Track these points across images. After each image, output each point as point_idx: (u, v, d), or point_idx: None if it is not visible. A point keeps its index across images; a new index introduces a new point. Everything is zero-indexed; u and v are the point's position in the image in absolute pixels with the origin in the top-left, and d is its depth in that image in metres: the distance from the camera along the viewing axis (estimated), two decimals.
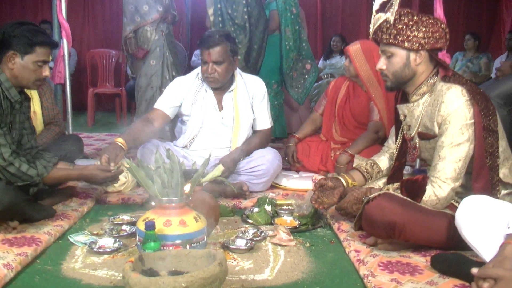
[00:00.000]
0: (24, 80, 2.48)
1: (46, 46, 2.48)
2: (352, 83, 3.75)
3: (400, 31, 2.25)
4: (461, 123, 2.20)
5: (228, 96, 3.31)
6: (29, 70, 2.45)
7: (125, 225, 2.56)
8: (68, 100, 4.14)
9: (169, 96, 3.32)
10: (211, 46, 3.12)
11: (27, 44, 2.42)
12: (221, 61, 3.15)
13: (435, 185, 2.23)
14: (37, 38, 2.44)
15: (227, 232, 2.56)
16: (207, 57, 3.14)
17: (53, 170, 2.53)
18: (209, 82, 3.24)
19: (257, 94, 3.38)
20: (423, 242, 2.23)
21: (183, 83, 3.35)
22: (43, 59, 2.47)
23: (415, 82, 2.36)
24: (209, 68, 3.15)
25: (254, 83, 3.40)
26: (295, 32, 4.93)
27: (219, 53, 3.13)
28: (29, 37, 2.42)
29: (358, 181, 2.69)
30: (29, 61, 2.44)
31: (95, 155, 4.40)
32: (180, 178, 2.04)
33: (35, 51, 2.44)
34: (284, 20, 4.90)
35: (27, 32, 2.43)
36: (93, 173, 2.61)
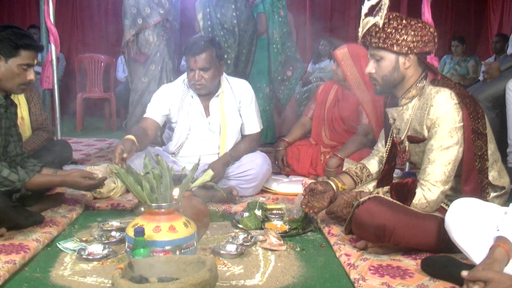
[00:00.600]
0: (9, 83, 2.44)
1: (31, 49, 2.45)
2: (340, 87, 3.76)
3: (389, 35, 2.26)
4: (450, 126, 2.21)
5: (214, 101, 3.30)
6: (13, 74, 2.42)
7: (115, 231, 2.54)
8: (57, 106, 4.11)
9: (157, 104, 3.30)
10: (197, 53, 3.10)
11: (11, 47, 2.39)
12: (208, 68, 3.13)
13: (424, 188, 2.24)
14: (21, 41, 2.41)
15: (217, 237, 2.55)
16: (194, 64, 3.12)
17: (35, 176, 2.49)
18: (196, 89, 3.22)
19: (244, 98, 3.36)
20: (413, 245, 2.24)
21: (169, 90, 3.33)
22: (27, 63, 2.44)
23: (404, 86, 2.37)
24: (196, 75, 3.13)
25: (241, 87, 3.38)
26: (283, 35, 4.91)
27: (205, 59, 3.11)
28: (13, 40, 2.39)
29: (348, 184, 2.69)
30: (13, 65, 2.41)
31: (84, 161, 4.39)
32: (169, 183, 2.03)
33: (20, 54, 2.41)
34: (272, 22, 4.87)
35: (12, 35, 2.40)
36: (76, 180, 2.59)
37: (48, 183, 2.60)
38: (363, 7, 2.35)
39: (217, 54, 3.18)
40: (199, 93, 3.24)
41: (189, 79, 3.19)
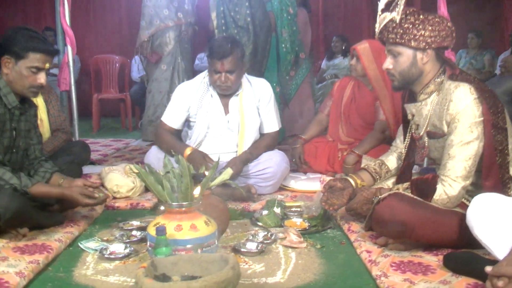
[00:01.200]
0: (19, 86, 2.43)
1: (41, 52, 2.41)
2: (357, 83, 3.75)
3: (406, 30, 2.24)
4: (470, 121, 2.19)
5: (234, 100, 3.32)
6: (22, 76, 2.41)
7: (135, 231, 2.56)
8: (74, 107, 4.15)
9: (175, 108, 3.34)
10: (224, 57, 3.11)
11: (20, 49, 2.38)
12: (234, 70, 3.16)
13: (445, 183, 2.22)
14: (30, 44, 2.39)
15: (237, 236, 2.56)
16: (220, 67, 3.13)
17: (35, 185, 2.44)
18: (221, 90, 3.24)
19: (264, 96, 3.38)
20: (435, 241, 2.22)
21: (188, 89, 3.35)
22: (36, 65, 2.41)
23: (422, 81, 2.35)
24: (223, 78, 3.15)
25: (260, 86, 3.41)
26: (292, 33, 4.84)
27: (231, 62, 3.13)
28: (23, 42, 2.38)
29: (367, 181, 2.68)
30: (22, 67, 2.40)
31: (102, 161, 4.42)
32: (189, 182, 2.04)
33: (28, 57, 2.39)
34: (280, 21, 4.79)
35: (22, 37, 2.39)
36: (74, 197, 2.52)
37: (46, 194, 2.52)
38: (379, 3, 2.34)
39: (241, 55, 3.21)
40: (224, 93, 3.26)
41: (214, 81, 3.20)
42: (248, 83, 3.36)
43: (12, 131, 2.48)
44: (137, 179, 3.28)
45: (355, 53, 3.58)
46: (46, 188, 2.51)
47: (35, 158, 2.67)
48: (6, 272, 2.00)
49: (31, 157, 2.65)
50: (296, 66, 4.91)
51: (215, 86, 3.24)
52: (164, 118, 3.37)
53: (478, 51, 7.14)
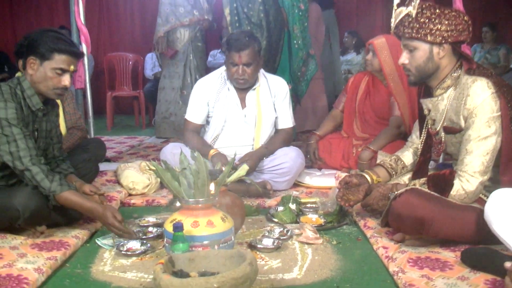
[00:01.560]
0: (43, 86, 2.43)
1: (66, 54, 2.42)
2: (371, 78, 3.72)
3: (422, 24, 2.23)
4: (488, 116, 2.18)
5: (251, 94, 3.34)
6: (46, 77, 2.40)
7: (151, 227, 2.57)
8: (89, 104, 4.17)
9: (196, 104, 3.36)
10: (241, 49, 3.14)
11: (46, 50, 2.38)
12: (251, 63, 3.19)
13: (463, 179, 2.21)
14: (56, 45, 2.39)
15: (253, 232, 2.56)
16: (238, 59, 3.16)
17: (66, 192, 2.35)
18: (238, 83, 3.26)
19: (279, 93, 3.41)
20: (452, 237, 2.21)
21: (206, 84, 3.38)
22: (61, 67, 2.40)
23: (438, 76, 2.33)
24: (240, 70, 3.18)
25: (276, 82, 3.44)
26: (303, 29, 4.72)
27: (249, 55, 3.16)
28: (49, 43, 2.38)
29: (383, 177, 2.67)
30: (47, 68, 2.40)
31: (117, 158, 4.44)
32: (206, 178, 2.04)
33: (53, 58, 2.39)
34: (292, 17, 4.66)
35: (48, 38, 2.39)
36: (105, 214, 2.36)
37: (77, 205, 2.39)
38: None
39: (258, 49, 3.24)
40: (241, 87, 3.29)
41: (231, 74, 3.23)
42: (264, 79, 3.39)
43: (34, 132, 2.50)
44: (153, 176, 3.30)
45: (372, 47, 3.55)
46: (78, 200, 2.39)
47: (53, 157, 2.68)
48: (24, 268, 2.03)
49: (49, 156, 2.66)
50: (307, 62, 4.87)
51: (232, 79, 3.27)
52: (188, 116, 3.40)
53: (492, 45, 7.08)
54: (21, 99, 2.42)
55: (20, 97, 2.42)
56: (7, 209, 2.29)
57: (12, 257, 2.15)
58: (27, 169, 2.32)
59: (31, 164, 2.33)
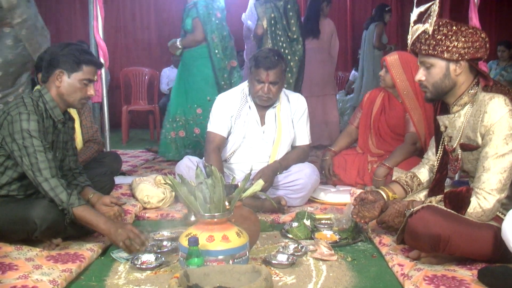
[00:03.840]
0: (71, 98, 2.52)
1: (92, 65, 2.53)
2: (387, 95, 3.72)
3: (439, 41, 2.23)
4: (505, 133, 2.16)
5: (271, 112, 3.35)
6: (75, 88, 2.50)
7: (166, 241, 2.57)
8: (106, 118, 4.21)
9: (220, 117, 3.32)
10: (270, 68, 3.15)
11: (74, 62, 2.47)
12: (277, 82, 3.20)
13: (480, 196, 2.19)
14: (84, 57, 2.49)
15: (267, 247, 2.55)
16: (265, 77, 3.16)
17: (81, 206, 2.36)
18: (262, 101, 3.26)
19: (298, 110, 3.42)
20: (469, 255, 2.18)
21: (228, 100, 3.37)
22: (88, 78, 2.51)
23: (455, 93, 2.33)
24: (266, 88, 3.18)
25: (296, 99, 3.45)
26: (223, 38, 4.66)
27: (276, 74, 3.17)
28: (77, 56, 2.47)
29: (398, 194, 2.66)
30: (76, 79, 2.49)
31: (132, 172, 4.46)
32: (222, 193, 2.05)
33: (82, 70, 2.49)
34: (210, 26, 4.60)
35: (75, 51, 2.49)
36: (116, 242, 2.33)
37: (88, 221, 2.37)
38: (411, 14, 2.33)
39: (284, 69, 3.26)
40: (263, 104, 3.29)
41: (256, 91, 3.23)
42: (285, 97, 3.40)
43: (52, 143, 2.54)
44: (168, 190, 3.31)
45: (385, 64, 3.57)
46: (90, 215, 2.37)
47: (69, 170, 2.71)
48: (40, 280, 2.04)
49: (65, 168, 2.69)
50: (231, 73, 4.73)
51: (255, 96, 3.26)
52: (212, 128, 3.34)
53: (508, 63, 7.05)
54: (43, 111, 2.48)
55: (42, 109, 2.47)
56: (25, 221, 2.31)
57: (27, 268, 2.17)
58: (46, 180, 2.35)
59: (51, 176, 2.36)
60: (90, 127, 3.56)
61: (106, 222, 2.37)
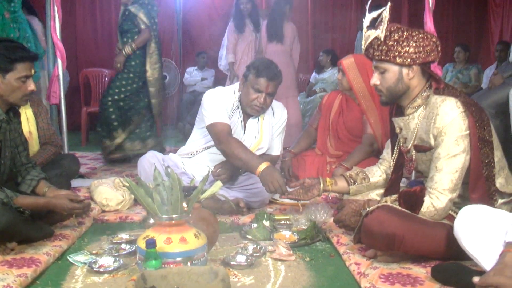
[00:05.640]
0: (11, 98, 2.45)
1: (26, 61, 2.44)
2: (345, 97, 3.79)
3: (391, 47, 2.28)
4: (457, 134, 2.23)
5: (253, 121, 3.31)
6: (13, 88, 2.42)
7: (124, 244, 2.55)
8: (64, 120, 4.14)
9: (220, 107, 3.17)
10: (272, 79, 3.11)
11: (6, 62, 2.39)
12: (274, 93, 3.19)
13: (432, 196, 2.25)
14: (15, 54, 2.40)
15: (226, 249, 2.56)
16: (265, 87, 3.11)
17: (20, 197, 2.46)
18: (253, 110, 3.21)
19: (279, 122, 3.41)
20: (423, 253, 2.24)
21: (224, 97, 3.25)
22: (25, 74, 2.43)
23: (409, 96, 2.39)
24: (262, 98, 3.14)
25: (280, 111, 3.43)
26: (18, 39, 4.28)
27: (275, 86, 3.16)
28: (7, 55, 2.39)
29: (340, 184, 2.75)
30: (11, 79, 2.41)
31: (91, 174, 4.41)
32: (179, 195, 2.04)
33: (16, 68, 2.41)
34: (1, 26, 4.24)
35: (4, 49, 2.39)
36: (62, 202, 2.56)
37: (33, 205, 2.50)
38: (364, 20, 2.37)
39: (280, 82, 3.22)
40: (255, 114, 3.25)
41: (251, 99, 3.15)
42: (270, 108, 3.36)
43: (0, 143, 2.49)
44: (127, 192, 3.28)
45: (341, 67, 3.63)
46: (31, 200, 2.52)
47: (21, 165, 2.67)
48: None
49: (18, 164, 2.65)
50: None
51: (249, 104, 3.18)
52: (215, 119, 3.11)
53: (464, 65, 7.22)
54: None
55: None
56: None
57: None
58: None
59: None
60: (47, 129, 3.49)
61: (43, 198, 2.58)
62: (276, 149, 3.45)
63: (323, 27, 8.56)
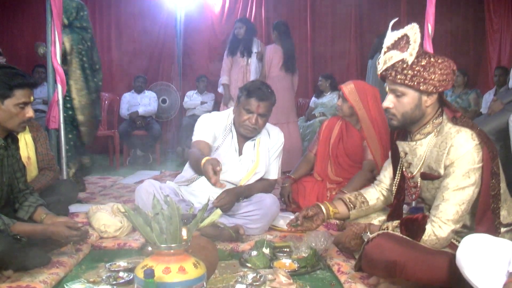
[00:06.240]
0: (9, 124, 2.44)
1: (25, 88, 2.43)
2: (344, 123, 3.78)
3: (417, 73, 2.20)
4: (469, 167, 2.17)
5: (249, 144, 3.34)
6: (11, 114, 2.42)
7: (122, 272, 2.51)
8: (63, 145, 4.12)
9: (206, 129, 3.26)
10: (263, 100, 3.15)
11: (5, 88, 2.38)
12: (266, 114, 3.21)
13: (435, 225, 2.22)
14: (14, 81, 2.40)
15: (225, 277, 2.52)
16: (256, 108, 3.16)
17: (17, 224, 2.42)
18: (246, 131, 3.24)
19: (276, 145, 3.42)
20: (425, 281, 2.20)
21: (215, 120, 3.33)
22: (23, 101, 2.42)
23: (421, 122, 2.33)
24: (254, 119, 3.18)
25: (276, 134, 3.45)
26: None
27: (267, 107, 3.19)
28: (6, 81, 2.38)
29: (340, 209, 2.67)
30: (9, 105, 2.40)
31: (89, 199, 4.38)
32: (178, 224, 2.02)
33: (14, 95, 2.40)
34: None
35: (3, 76, 2.39)
36: (59, 230, 2.51)
37: (30, 232, 2.47)
38: (386, 39, 2.29)
39: (273, 103, 3.26)
40: (248, 135, 3.28)
41: (243, 120, 3.21)
42: (265, 130, 3.40)
43: None
44: (125, 219, 3.25)
45: (341, 93, 3.63)
46: (28, 227, 2.48)
47: (19, 191, 2.65)
48: None
49: (15, 190, 2.63)
50: None
51: (241, 125, 3.23)
52: (196, 137, 3.26)
53: (463, 90, 7.25)
54: None
55: None
56: None
57: None
58: None
59: None
60: (45, 154, 3.47)
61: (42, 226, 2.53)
62: (273, 173, 3.44)
63: (323, 52, 8.60)
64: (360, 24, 8.44)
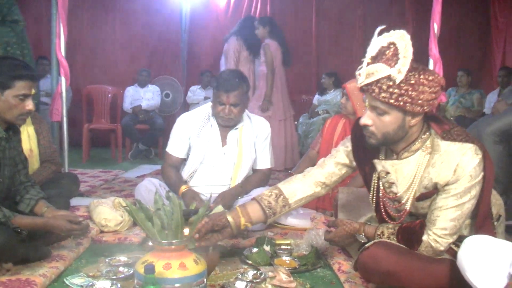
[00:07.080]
0: (8, 116, 2.43)
1: (26, 80, 2.42)
2: (348, 121, 3.76)
3: (405, 92, 1.96)
4: (472, 183, 2.05)
5: (233, 133, 3.36)
6: (10, 105, 2.41)
7: (122, 267, 2.51)
8: (65, 138, 4.12)
9: (177, 138, 3.36)
10: (229, 90, 3.18)
11: (6, 78, 2.38)
12: (238, 103, 3.23)
13: (431, 238, 2.14)
14: (15, 72, 2.39)
15: (226, 274, 2.52)
16: (226, 99, 3.20)
17: (17, 217, 2.40)
18: (223, 121, 3.29)
19: (261, 134, 3.44)
20: None
21: (189, 119, 3.39)
22: (23, 93, 2.41)
23: (406, 140, 2.15)
24: (226, 110, 3.22)
25: (259, 123, 3.48)
26: None
27: (237, 96, 3.20)
28: (7, 72, 2.38)
29: (255, 218, 2.40)
30: (9, 96, 2.39)
31: (90, 193, 4.37)
32: (180, 220, 2.01)
33: (15, 86, 2.39)
34: None
35: (5, 67, 2.39)
36: (60, 223, 2.50)
37: (30, 225, 2.45)
38: (369, 49, 2.02)
39: (246, 90, 3.29)
40: (226, 124, 3.32)
41: (218, 112, 3.26)
42: (248, 119, 3.43)
43: None
44: (126, 213, 3.25)
45: (345, 91, 3.61)
46: (29, 220, 2.47)
47: (20, 184, 2.65)
48: None
49: (17, 182, 2.63)
50: None
51: (217, 116, 3.29)
52: (169, 149, 3.40)
53: (467, 90, 7.24)
54: None
55: None
56: None
57: None
58: None
59: None
60: (48, 147, 3.47)
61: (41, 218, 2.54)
62: (266, 162, 3.48)
63: (327, 49, 8.57)
64: (365, 22, 8.42)
